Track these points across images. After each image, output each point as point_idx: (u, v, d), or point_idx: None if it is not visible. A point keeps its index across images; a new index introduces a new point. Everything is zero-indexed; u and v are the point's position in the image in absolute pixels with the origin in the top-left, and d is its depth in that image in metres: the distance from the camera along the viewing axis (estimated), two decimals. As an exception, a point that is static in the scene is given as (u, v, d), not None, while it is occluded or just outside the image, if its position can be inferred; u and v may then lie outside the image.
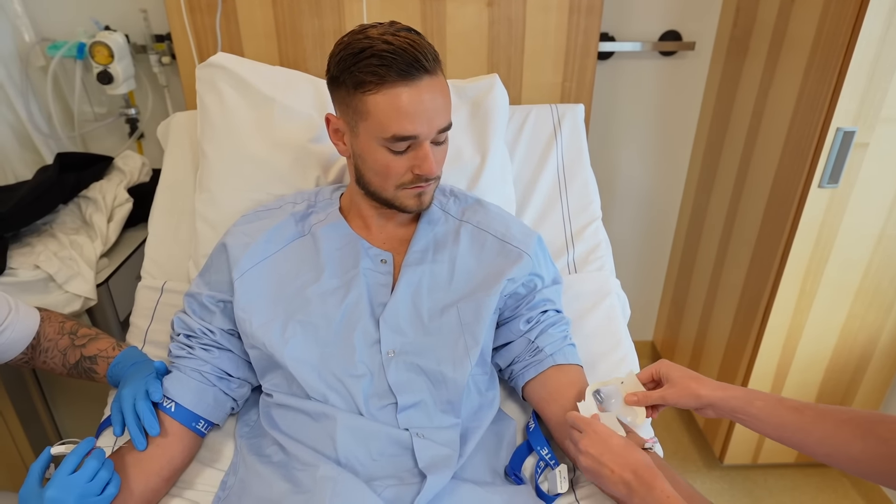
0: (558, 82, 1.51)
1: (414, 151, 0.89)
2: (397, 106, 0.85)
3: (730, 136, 1.63)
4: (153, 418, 0.87)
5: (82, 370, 0.97)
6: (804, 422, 0.75)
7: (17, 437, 1.37)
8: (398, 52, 0.83)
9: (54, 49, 1.47)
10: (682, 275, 1.94)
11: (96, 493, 0.76)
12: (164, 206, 1.29)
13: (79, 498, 0.74)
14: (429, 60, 0.85)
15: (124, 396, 0.88)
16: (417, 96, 0.85)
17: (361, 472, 0.85)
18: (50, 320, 0.99)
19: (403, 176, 0.91)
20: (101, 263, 1.35)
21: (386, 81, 0.84)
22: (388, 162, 0.90)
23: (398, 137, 0.87)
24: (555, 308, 1.02)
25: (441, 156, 0.94)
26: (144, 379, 0.89)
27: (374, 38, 0.85)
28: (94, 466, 0.77)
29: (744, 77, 1.55)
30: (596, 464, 0.76)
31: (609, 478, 0.75)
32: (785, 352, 1.52)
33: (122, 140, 1.67)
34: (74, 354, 0.97)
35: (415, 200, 0.95)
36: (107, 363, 0.96)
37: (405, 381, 0.92)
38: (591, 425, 0.80)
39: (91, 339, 0.98)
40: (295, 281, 0.96)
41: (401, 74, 0.84)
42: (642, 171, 1.88)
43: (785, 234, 1.39)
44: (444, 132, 0.91)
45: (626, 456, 0.75)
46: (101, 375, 0.97)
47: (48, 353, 0.97)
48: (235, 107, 1.23)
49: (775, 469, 1.79)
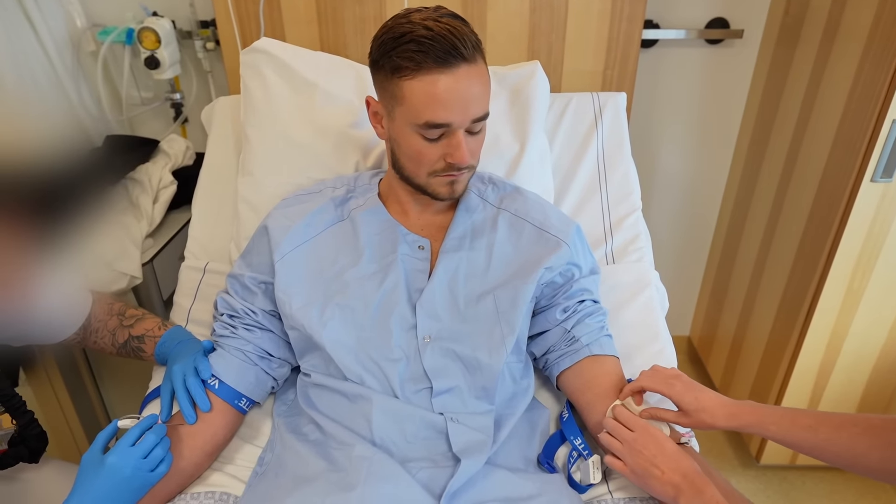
0: (600, 70, 1.48)
1: (447, 139, 0.89)
2: (432, 93, 0.85)
3: (777, 128, 1.58)
4: (203, 394, 0.90)
5: (130, 349, 1.01)
6: (818, 440, 0.78)
7: (66, 411, 1.43)
8: (437, 38, 0.83)
9: (104, 34, 1.51)
10: (722, 269, 1.90)
11: (149, 469, 0.80)
12: (207, 188, 1.32)
13: (134, 469, 0.78)
14: (468, 48, 0.85)
15: (174, 372, 0.91)
16: (453, 84, 0.85)
17: (396, 453, 0.86)
18: (100, 302, 1.02)
19: (436, 163, 0.91)
20: (147, 244, 1.39)
21: (422, 67, 0.84)
22: (420, 148, 0.90)
23: (431, 125, 0.87)
24: (592, 298, 1.01)
25: (476, 145, 0.93)
26: (193, 356, 0.92)
27: (415, 24, 0.85)
28: (152, 442, 0.81)
29: (794, 66, 1.50)
30: (648, 464, 0.77)
31: (659, 478, 0.76)
32: (829, 351, 1.48)
33: (168, 124, 1.71)
34: (122, 334, 1.00)
35: (447, 188, 0.95)
36: (153, 342, 0.99)
37: (440, 367, 0.92)
38: (646, 427, 0.81)
39: (138, 319, 1.01)
40: (334, 265, 0.98)
41: (437, 61, 0.83)
42: (684, 163, 1.84)
43: (833, 230, 1.34)
44: (480, 122, 0.90)
45: (679, 461, 0.76)
46: (148, 354, 1.00)
47: (98, 334, 1.00)
48: (278, 91, 1.25)
49: (814, 471, 1.75)
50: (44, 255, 0.74)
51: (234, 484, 0.92)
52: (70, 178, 1.31)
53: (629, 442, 0.80)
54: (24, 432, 0.92)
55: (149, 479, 0.80)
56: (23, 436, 0.92)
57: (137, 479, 0.79)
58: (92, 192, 1.37)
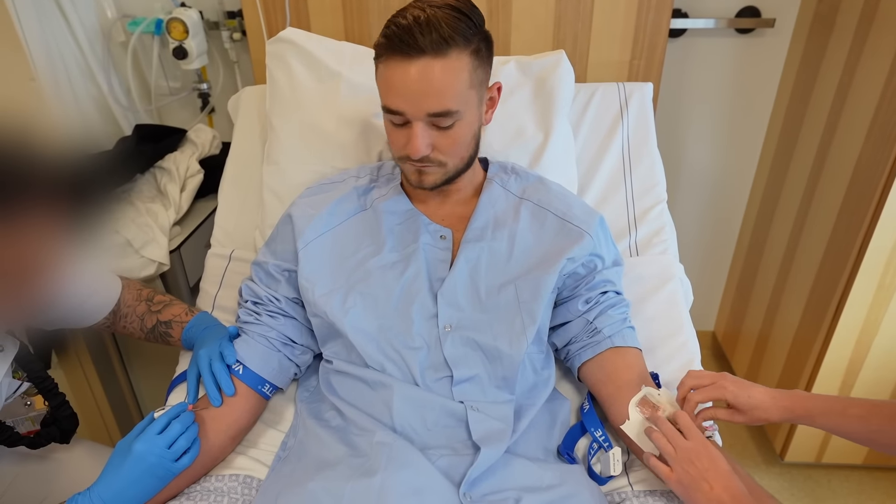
0: (626, 60, 1.46)
1: (409, 129, 0.90)
2: (389, 79, 0.87)
3: (808, 120, 1.54)
4: (228, 379, 0.91)
5: (158, 334, 1.03)
6: (870, 431, 0.78)
7: (97, 394, 1.47)
8: (409, 27, 0.84)
9: (134, 25, 1.53)
10: (749, 263, 1.87)
11: (172, 459, 0.80)
12: (233, 177, 1.34)
13: (158, 458, 0.79)
14: (434, 41, 0.83)
15: (200, 357, 0.93)
16: (406, 75, 0.85)
17: (416, 440, 0.87)
18: (129, 288, 1.04)
19: (401, 150, 0.93)
20: (174, 231, 1.41)
21: (387, 53, 0.86)
22: (390, 131, 0.93)
23: (387, 110, 0.89)
24: (615, 290, 1.01)
25: (445, 141, 0.91)
26: (219, 341, 0.94)
27: (408, 10, 0.86)
28: (177, 431, 0.81)
29: (827, 56, 1.46)
30: (698, 476, 0.76)
31: (706, 493, 0.75)
32: (858, 347, 1.45)
33: (195, 114, 1.73)
34: (151, 320, 1.02)
35: (415, 176, 0.96)
36: (181, 327, 1.02)
37: (461, 356, 0.92)
38: (703, 440, 0.80)
39: (165, 305, 1.04)
40: (356, 253, 0.99)
41: (397, 49, 0.85)
42: (711, 155, 1.81)
43: (865, 224, 1.31)
44: (444, 118, 0.88)
45: (731, 480, 0.76)
46: (175, 339, 1.02)
47: (127, 319, 1.03)
48: (303, 81, 1.25)
49: (840, 470, 1.72)
50: (75, 241, 0.76)
51: (257, 467, 0.94)
52: (101, 165, 1.34)
53: (684, 450, 0.79)
54: (55, 413, 0.95)
55: (172, 469, 0.80)
56: (55, 417, 0.95)
57: (161, 467, 0.79)
58: (122, 180, 1.40)
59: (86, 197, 0.74)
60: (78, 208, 0.72)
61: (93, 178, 1.36)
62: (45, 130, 0.73)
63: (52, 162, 0.69)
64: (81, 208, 0.74)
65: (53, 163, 0.69)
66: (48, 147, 0.70)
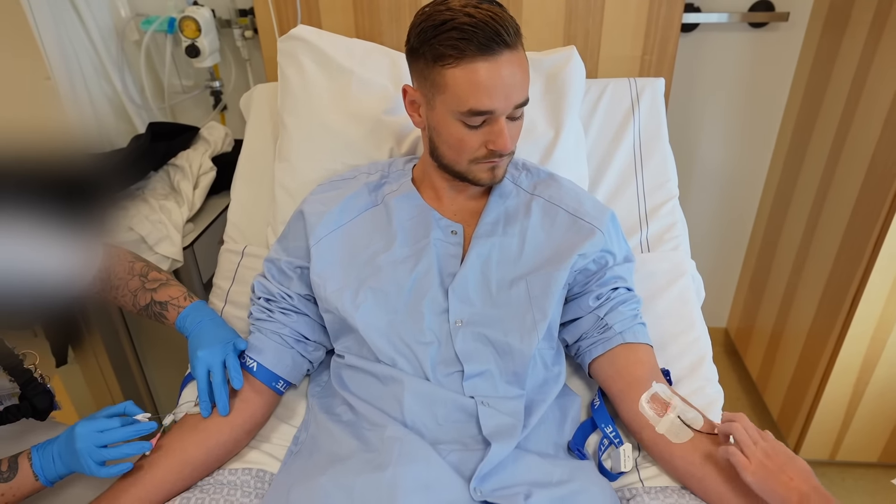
0: (637, 56, 1.45)
1: (489, 126, 0.89)
2: (475, 80, 0.85)
3: (823, 115, 1.53)
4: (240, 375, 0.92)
5: (152, 313, 0.99)
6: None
7: (112, 390, 1.49)
8: (479, 25, 0.83)
9: (147, 24, 1.55)
10: (762, 260, 1.85)
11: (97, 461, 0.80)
12: (246, 174, 1.35)
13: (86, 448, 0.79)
14: (510, 35, 0.84)
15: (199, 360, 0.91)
16: (496, 71, 0.84)
17: (427, 435, 0.87)
18: (118, 258, 1.00)
19: (477, 150, 0.92)
20: (187, 228, 1.43)
21: (465, 55, 0.84)
22: (462, 136, 0.90)
23: (474, 112, 0.87)
24: (626, 286, 1.00)
25: (516, 131, 0.93)
26: (222, 347, 0.93)
27: (455, 11, 0.85)
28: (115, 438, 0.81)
29: (842, 51, 1.44)
30: (777, 469, 0.76)
31: (785, 484, 0.75)
32: (873, 343, 1.43)
33: (207, 111, 1.74)
34: (145, 297, 0.99)
35: (488, 174, 0.95)
36: (177, 311, 0.98)
37: (472, 351, 0.93)
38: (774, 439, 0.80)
39: (162, 284, 1.00)
40: (367, 249, 0.99)
41: (480, 48, 0.83)
42: (724, 151, 1.79)
43: (881, 220, 1.30)
44: (521, 108, 0.90)
45: (810, 475, 0.76)
46: (170, 322, 0.99)
47: (118, 291, 1.00)
48: (315, 78, 1.26)
49: (856, 468, 1.70)
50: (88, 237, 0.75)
51: (270, 462, 0.95)
52: (115, 163, 1.36)
53: (761, 446, 0.80)
54: (24, 392, 0.94)
55: (94, 471, 0.79)
56: (24, 394, 0.94)
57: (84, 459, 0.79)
58: (136, 177, 1.42)
59: (102, 192, 0.74)
60: (92, 202, 0.72)
61: (107, 176, 1.37)
62: (61, 128, 0.74)
63: (68, 158, 0.69)
64: (97, 203, 0.74)
65: (70, 158, 0.70)
66: (63, 144, 0.70)
